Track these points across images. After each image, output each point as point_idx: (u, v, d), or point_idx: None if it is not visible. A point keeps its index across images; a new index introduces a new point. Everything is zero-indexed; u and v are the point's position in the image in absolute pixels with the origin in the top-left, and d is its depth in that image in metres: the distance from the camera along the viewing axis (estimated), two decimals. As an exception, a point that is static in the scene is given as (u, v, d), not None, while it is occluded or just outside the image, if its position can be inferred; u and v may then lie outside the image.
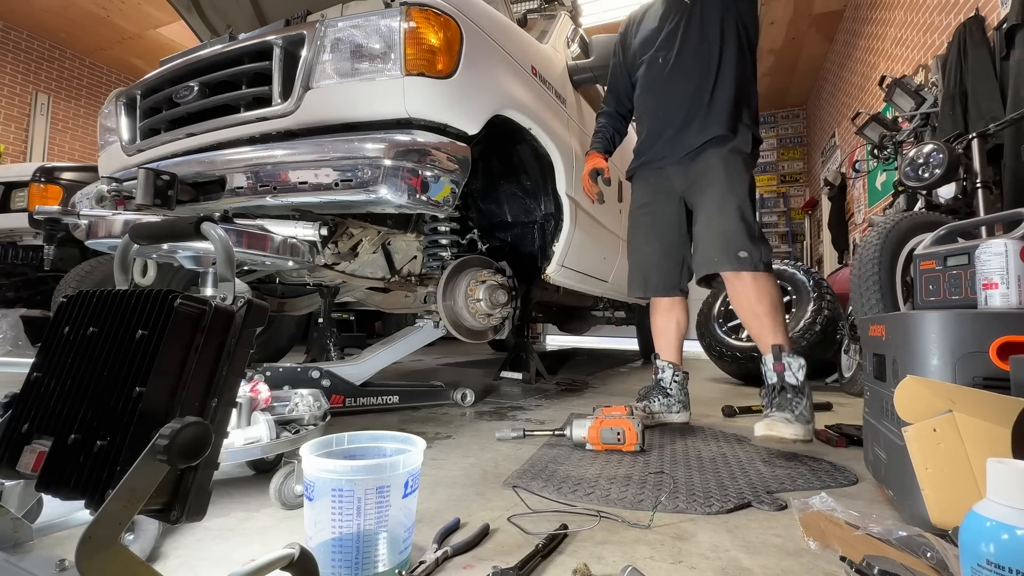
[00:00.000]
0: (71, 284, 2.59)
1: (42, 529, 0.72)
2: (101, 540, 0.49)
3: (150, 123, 1.81)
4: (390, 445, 0.87)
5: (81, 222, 1.60)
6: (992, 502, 0.49)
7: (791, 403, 1.43)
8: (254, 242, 1.46)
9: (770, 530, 0.93)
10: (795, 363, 1.47)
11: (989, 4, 2.97)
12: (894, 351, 1.01)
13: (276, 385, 1.58)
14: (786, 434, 1.32)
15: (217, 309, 0.62)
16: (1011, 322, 0.87)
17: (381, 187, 1.39)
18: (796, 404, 1.44)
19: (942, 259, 1.20)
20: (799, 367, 1.47)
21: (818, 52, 6.97)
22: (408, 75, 1.48)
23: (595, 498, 1.08)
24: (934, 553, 0.74)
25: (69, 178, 3.37)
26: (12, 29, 6.46)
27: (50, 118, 6.81)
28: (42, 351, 0.66)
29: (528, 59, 2.02)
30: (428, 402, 2.21)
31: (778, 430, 1.32)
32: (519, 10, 2.91)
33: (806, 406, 1.44)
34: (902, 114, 3.17)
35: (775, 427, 1.33)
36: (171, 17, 5.93)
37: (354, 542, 0.73)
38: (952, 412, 0.82)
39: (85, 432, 0.57)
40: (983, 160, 2.21)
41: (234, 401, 0.64)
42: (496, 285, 2.06)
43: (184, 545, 0.86)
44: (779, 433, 1.32)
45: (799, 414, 1.41)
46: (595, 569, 0.77)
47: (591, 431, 1.41)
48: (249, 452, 1.01)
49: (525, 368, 3.07)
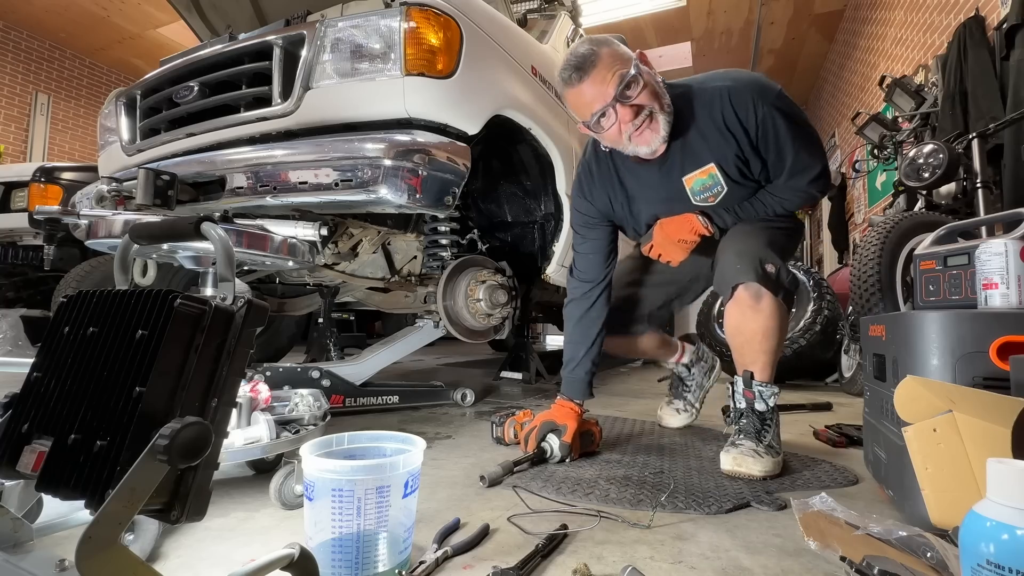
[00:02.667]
0: (71, 284, 2.59)
1: (42, 529, 0.72)
2: (101, 540, 0.49)
3: (150, 123, 1.81)
4: (390, 445, 0.87)
5: (81, 222, 1.60)
6: (992, 502, 0.49)
7: (759, 433, 1.28)
8: (254, 242, 1.46)
9: (770, 530, 0.93)
10: (768, 391, 1.31)
11: (989, 4, 2.97)
12: (894, 351, 1.01)
13: (276, 385, 1.58)
14: (755, 470, 1.20)
15: (217, 309, 0.62)
16: (1011, 322, 0.87)
17: (381, 187, 1.39)
18: (764, 434, 1.28)
19: (942, 259, 1.20)
20: (771, 395, 1.32)
21: (818, 52, 6.97)
22: (408, 75, 1.48)
23: (595, 498, 1.08)
24: (934, 553, 0.74)
25: (69, 178, 3.37)
26: (12, 29, 6.46)
27: (50, 118, 6.81)
28: (42, 351, 0.66)
29: (528, 59, 2.02)
30: (428, 402, 2.21)
31: (747, 465, 1.20)
32: (519, 10, 2.91)
33: (775, 435, 1.30)
34: (902, 114, 3.17)
35: (743, 462, 1.21)
36: (171, 17, 5.93)
37: (354, 542, 0.73)
38: (952, 412, 0.81)
39: (85, 432, 0.57)
40: (983, 160, 2.22)
41: (234, 401, 0.64)
42: (496, 285, 2.06)
43: (184, 545, 0.86)
44: (747, 469, 1.20)
45: (768, 445, 1.26)
46: (595, 569, 0.77)
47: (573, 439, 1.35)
48: (249, 452, 1.01)
49: (525, 368, 3.07)
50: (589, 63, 1.19)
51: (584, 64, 1.19)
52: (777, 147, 1.31)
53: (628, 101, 1.20)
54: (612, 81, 1.19)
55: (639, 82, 1.20)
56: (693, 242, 1.40)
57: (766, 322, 1.28)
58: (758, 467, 1.20)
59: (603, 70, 1.19)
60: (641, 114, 1.22)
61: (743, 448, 1.24)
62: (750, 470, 1.20)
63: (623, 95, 1.19)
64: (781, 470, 1.26)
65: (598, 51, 1.20)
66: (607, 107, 1.20)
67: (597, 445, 1.47)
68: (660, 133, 1.25)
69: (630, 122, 1.22)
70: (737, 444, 1.26)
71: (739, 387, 1.34)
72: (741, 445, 1.25)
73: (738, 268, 1.28)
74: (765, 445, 1.26)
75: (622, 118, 1.22)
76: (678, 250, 1.42)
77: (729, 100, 1.28)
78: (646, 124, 1.23)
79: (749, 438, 1.27)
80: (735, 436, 1.30)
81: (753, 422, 1.30)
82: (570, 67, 1.21)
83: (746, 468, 1.20)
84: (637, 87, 1.20)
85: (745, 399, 1.32)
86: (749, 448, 1.24)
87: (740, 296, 1.29)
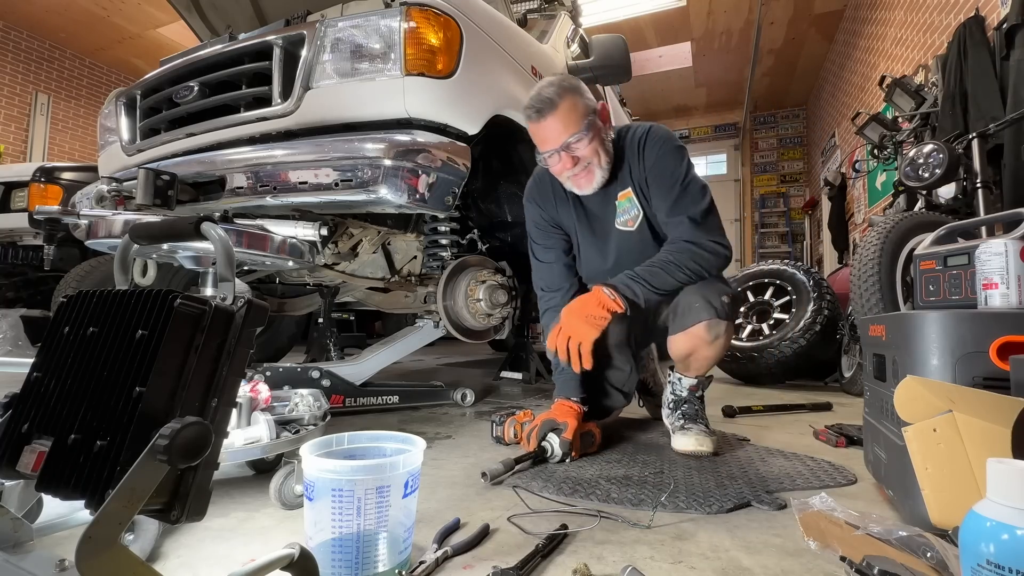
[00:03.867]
0: (71, 284, 2.59)
1: (42, 529, 0.72)
2: (101, 540, 0.49)
3: (150, 123, 1.81)
4: (390, 445, 0.87)
5: (81, 222, 1.60)
6: (992, 502, 0.49)
7: (698, 415, 1.53)
8: (254, 242, 1.46)
9: (770, 530, 0.93)
10: (707, 382, 1.57)
11: (989, 4, 2.97)
12: (894, 351, 1.01)
13: (276, 385, 1.58)
14: (710, 448, 1.41)
15: (217, 309, 0.62)
16: (1011, 322, 0.87)
17: (381, 187, 1.39)
18: (702, 415, 1.55)
19: (942, 259, 1.20)
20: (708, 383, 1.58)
21: (818, 52, 6.97)
22: (408, 75, 1.48)
23: (595, 498, 1.08)
24: (934, 553, 0.74)
25: (69, 178, 3.38)
26: (12, 29, 6.46)
27: (50, 118, 6.81)
28: (42, 351, 0.66)
29: (528, 59, 2.02)
30: (428, 402, 2.21)
31: (706, 445, 1.40)
32: (519, 10, 2.91)
33: (707, 417, 1.56)
34: (902, 114, 3.17)
35: (704, 441, 1.41)
36: (171, 17, 5.93)
37: (354, 542, 0.73)
38: (952, 412, 0.81)
39: (85, 432, 0.57)
40: (983, 160, 2.22)
41: (234, 401, 0.64)
42: (496, 285, 2.06)
43: (184, 545, 0.86)
44: (706, 448, 1.40)
45: (709, 427, 1.51)
46: (595, 569, 0.77)
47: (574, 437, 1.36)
48: (249, 452, 1.01)
49: (525, 368, 3.07)
50: (548, 109, 1.35)
51: (544, 109, 1.36)
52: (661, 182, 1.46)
53: (571, 152, 1.39)
54: (563, 133, 1.37)
55: (584, 140, 1.38)
56: (603, 318, 1.33)
57: (717, 351, 1.47)
58: (711, 446, 1.41)
59: (557, 120, 1.36)
60: (579, 164, 1.41)
61: (696, 430, 1.45)
62: (709, 448, 1.40)
63: (567, 146, 1.38)
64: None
65: (558, 101, 1.35)
66: (554, 152, 1.39)
67: (597, 445, 1.47)
68: (593, 182, 1.44)
69: (570, 168, 1.41)
70: (687, 428, 1.47)
71: (685, 384, 1.56)
72: (691, 428, 1.46)
73: (697, 306, 1.41)
74: (707, 427, 1.51)
75: (564, 163, 1.41)
76: (590, 328, 1.33)
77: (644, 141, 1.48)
78: (583, 172, 1.43)
79: (693, 422, 1.51)
80: (683, 421, 1.52)
81: (693, 406, 1.54)
82: (532, 106, 1.37)
83: (705, 447, 1.40)
84: (581, 144, 1.38)
85: (688, 391, 1.56)
86: (700, 430, 1.45)
87: (697, 332, 1.42)
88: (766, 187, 8.77)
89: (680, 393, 1.57)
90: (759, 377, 2.96)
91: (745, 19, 6.25)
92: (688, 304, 1.42)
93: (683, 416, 1.53)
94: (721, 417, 2.01)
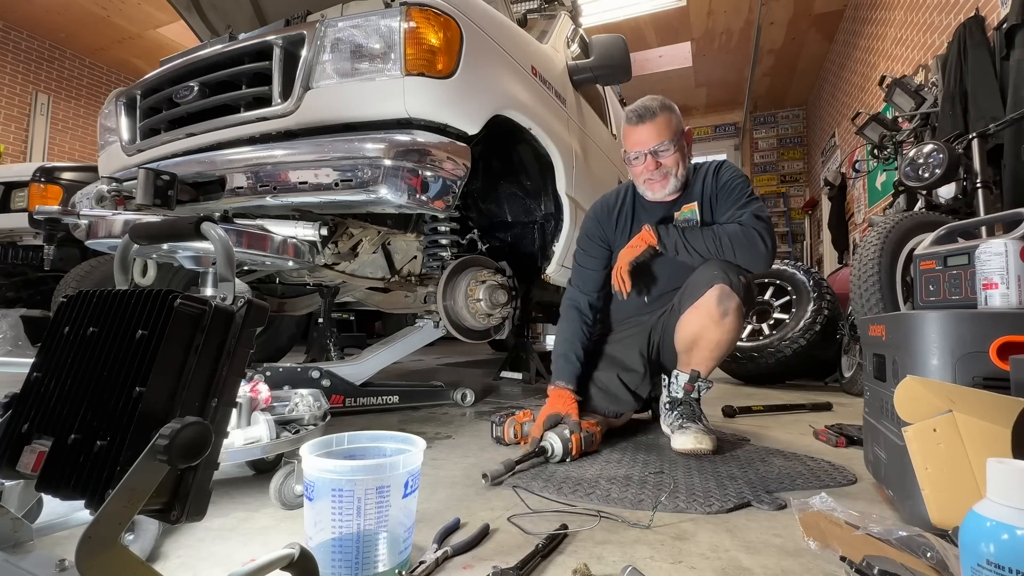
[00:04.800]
0: (71, 284, 2.59)
1: (42, 529, 0.72)
2: (101, 540, 0.49)
3: (150, 123, 1.81)
4: (390, 445, 0.87)
5: (81, 222, 1.60)
6: (992, 502, 0.49)
7: (697, 415, 1.55)
8: (254, 242, 1.46)
9: (770, 530, 0.93)
10: (704, 385, 1.58)
11: (989, 4, 2.97)
12: (894, 351, 1.01)
13: (276, 385, 1.58)
14: (710, 447, 1.42)
15: (217, 309, 0.62)
16: (1011, 322, 0.87)
17: (381, 187, 1.39)
18: (701, 415, 1.56)
19: (942, 259, 1.20)
20: (706, 388, 1.59)
21: (818, 52, 6.96)
22: (408, 75, 1.48)
23: (595, 498, 1.08)
24: (934, 553, 0.74)
25: (69, 178, 3.37)
26: (12, 29, 6.45)
27: (50, 118, 6.80)
28: (42, 351, 0.66)
29: (528, 59, 2.02)
30: (428, 402, 2.21)
31: (705, 443, 1.42)
32: (519, 10, 2.91)
33: (706, 416, 1.59)
34: (902, 114, 3.17)
35: (703, 439, 1.43)
36: (171, 17, 5.93)
37: (354, 542, 0.73)
38: (952, 412, 0.81)
39: (85, 432, 0.57)
40: (983, 160, 2.21)
41: (234, 401, 0.64)
42: (496, 285, 2.06)
43: (184, 545, 0.86)
44: (705, 446, 1.42)
45: (708, 426, 1.53)
46: (595, 569, 0.77)
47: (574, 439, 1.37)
48: (249, 452, 1.01)
49: (525, 368, 3.07)
50: (648, 117, 1.56)
51: (645, 115, 1.56)
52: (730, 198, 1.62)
53: (656, 157, 1.58)
54: (654, 140, 1.56)
55: (670, 150, 1.57)
56: (638, 248, 1.60)
57: (724, 336, 1.49)
58: (711, 444, 1.43)
59: (653, 128, 1.56)
60: (660, 169, 1.59)
61: (694, 429, 1.47)
62: (709, 446, 1.42)
63: (655, 152, 1.57)
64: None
65: (658, 113, 1.56)
66: (642, 153, 1.58)
67: (597, 445, 1.47)
68: (667, 188, 1.62)
69: (652, 171, 1.60)
70: (686, 427, 1.49)
71: (680, 381, 1.58)
72: (690, 427, 1.48)
73: (714, 274, 1.49)
74: (706, 426, 1.53)
75: (647, 165, 1.59)
76: (629, 253, 1.61)
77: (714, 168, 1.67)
78: (660, 178, 1.61)
79: (692, 421, 1.52)
80: (681, 421, 1.53)
81: (690, 408, 1.56)
82: (635, 112, 1.58)
83: (705, 445, 1.42)
84: (667, 153, 1.58)
85: (684, 391, 1.57)
86: (699, 429, 1.47)
87: (707, 302, 1.47)
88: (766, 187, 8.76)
89: (676, 394, 1.60)
90: (759, 377, 2.96)
91: (745, 19, 6.24)
92: (701, 274, 1.53)
93: (681, 416, 1.55)
94: (721, 417, 2.01)
